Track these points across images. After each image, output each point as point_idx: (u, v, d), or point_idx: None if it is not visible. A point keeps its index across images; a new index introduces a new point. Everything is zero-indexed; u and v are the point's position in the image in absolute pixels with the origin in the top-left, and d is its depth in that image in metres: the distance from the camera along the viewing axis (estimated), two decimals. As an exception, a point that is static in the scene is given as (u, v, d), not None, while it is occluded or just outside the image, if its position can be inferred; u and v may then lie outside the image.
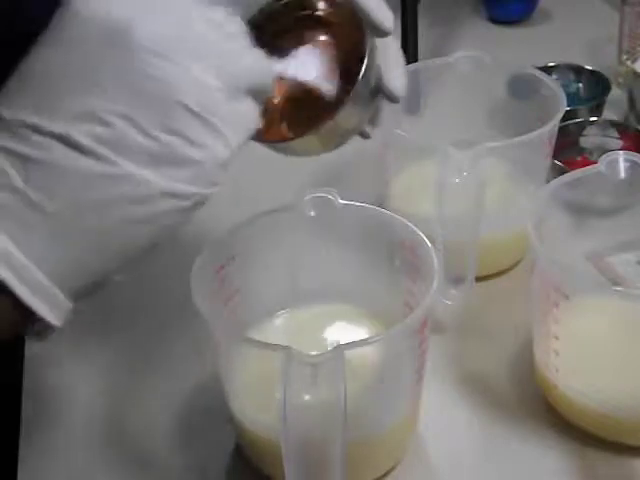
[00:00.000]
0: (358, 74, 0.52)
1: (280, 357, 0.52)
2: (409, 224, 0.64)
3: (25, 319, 0.44)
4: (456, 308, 0.75)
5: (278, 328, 0.69)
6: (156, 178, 0.44)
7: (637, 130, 0.92)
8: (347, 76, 0.53)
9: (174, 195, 0.45)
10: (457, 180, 0.70)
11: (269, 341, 0.57)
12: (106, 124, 0.43)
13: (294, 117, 0.54)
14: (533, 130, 0.76)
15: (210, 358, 0.63)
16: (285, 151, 0.55)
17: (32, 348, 0.75)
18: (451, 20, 1.23)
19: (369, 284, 0.68)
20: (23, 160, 0.42)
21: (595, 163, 0.70)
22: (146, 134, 0.43)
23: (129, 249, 0.45)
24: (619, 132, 0.92)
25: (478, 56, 0.83)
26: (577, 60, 1.06)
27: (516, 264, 0.83)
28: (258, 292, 0.67)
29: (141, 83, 0.43)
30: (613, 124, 0.93)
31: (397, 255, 0.65)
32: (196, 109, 0.44)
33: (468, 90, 0.84)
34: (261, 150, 0.51)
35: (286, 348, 0.52)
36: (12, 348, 0.75)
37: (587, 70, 1.04)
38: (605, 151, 0.72)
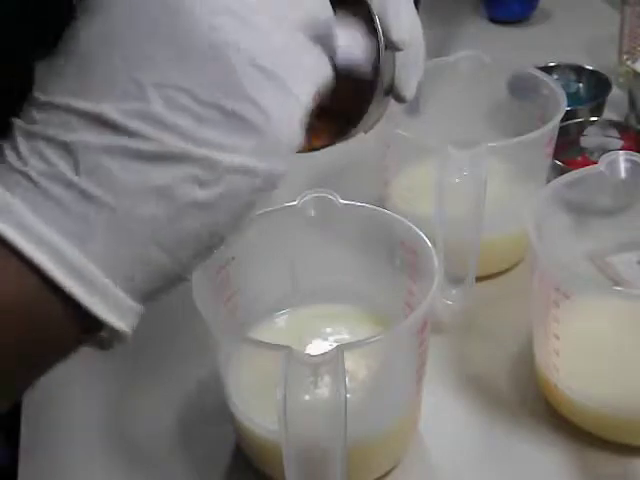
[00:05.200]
0: (377, 75, 0.48)
1: (280, 357, 0.52)
2: (409, 224, 0.64)
3: (89, 326, 0.39)
4: (456, 308, 0.75)
5: (278, 328, 0.69)
6: (220, 154, 0.38)
7: (638, 130, 0.92)
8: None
9: (244, 171, 0.39)
10: (457, 180, 0.70)
11: (269, 341, 0.57)
12: (155, 98, 0.37)
13: (320, 124, 0.49)
14: (533, 130, 0.76)
15: (210, 358, 0.63)
16: None
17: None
18: (451, 20, 1.23)
19: (369, 284, 0.68)
20: (68, 148, 0.38)
21: (595, 163, 0.69)
22: (204, 103, 0.38)
23: (200, 240, 0.40)
24: (620, 132, 0.92)
25: (478, 56, 0.83)
26: (577, 60, 1.06)
27: (516, 264, 0.83)
28: (258, 292, 0.67)
29: (193, 43, 0.38)
30: (613, 124, 0.93)
31: (397, 255, 0.65)
32: (262, 64, 0.38)
33: (468, 90, 0.84)
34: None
35: (286, 348, 0.52)
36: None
37: (587, 70, 1.04)
38: (606, 151, 0.72)
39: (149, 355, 0.75)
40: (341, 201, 0.64)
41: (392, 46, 0.49)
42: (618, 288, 0.73)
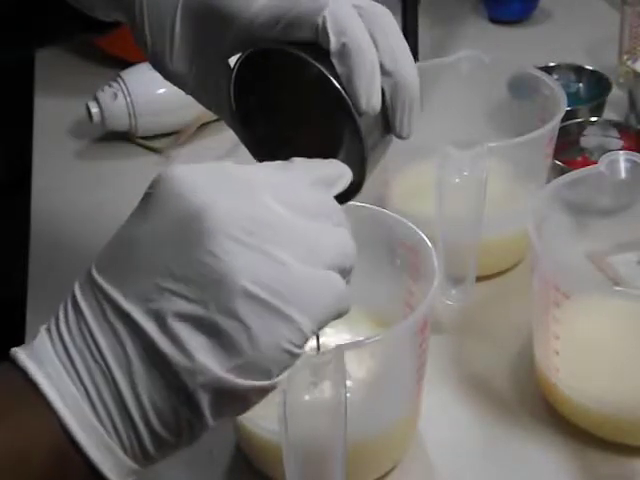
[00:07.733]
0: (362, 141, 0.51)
1: (280, 357, 0.52)
2: (409, 224, 0.64)
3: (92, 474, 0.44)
4: (456, 308, 0.75)
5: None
6: (201, 366, 0.42)
7: (638, 130, 0.92)
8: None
9: (221, 385, 0.43)
10: (457, 180, 0.70)
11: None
12: (164, 304, 0.42)
13: None
14: (533, 130, 0.76)
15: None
16: None
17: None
18: (451, 20, 1.23)
19: (369, 284, 0.68)
20: (97, 330, 0.43)
21: (595, 163, 0.70)
22: (196, 318, 0.42)
23: (190, 428, 0.45)
24: (620, 132, 0.92)
25: (478, 56, 0.83)
26: (577, 60, 1.06)
27: (516, 264, 0.83)
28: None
29: (205, 265, 0.42)
30: (613, 124, 0.93)
31: (397, 255, 0.65)
32: (262, 295, 0.42)
33: (468, 90, 0.84)
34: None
35: (286, 348, 0.52)
36: (11, 340, 0.75)
37: (587, 70, 1.04)
38: (606, 151, 0.72)
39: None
40: (341, 201, 0.64)
41: (365, 115, 0.50)
42: (618, 288, 0.73)
